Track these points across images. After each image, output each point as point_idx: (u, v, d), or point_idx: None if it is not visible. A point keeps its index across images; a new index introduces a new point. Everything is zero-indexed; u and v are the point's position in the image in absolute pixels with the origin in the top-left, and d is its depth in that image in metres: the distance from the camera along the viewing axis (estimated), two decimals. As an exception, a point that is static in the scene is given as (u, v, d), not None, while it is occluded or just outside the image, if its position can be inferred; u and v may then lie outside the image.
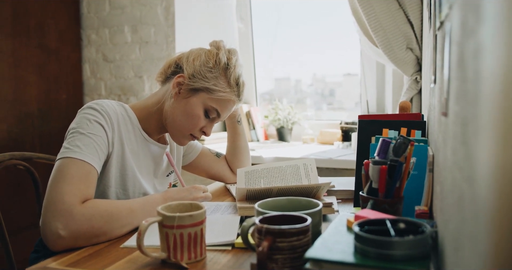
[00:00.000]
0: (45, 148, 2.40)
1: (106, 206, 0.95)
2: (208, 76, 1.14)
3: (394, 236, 0.64)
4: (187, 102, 1.15)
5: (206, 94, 1.14)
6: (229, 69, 1.16)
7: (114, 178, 1.09)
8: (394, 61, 1.84)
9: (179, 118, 1.15)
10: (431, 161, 0.92)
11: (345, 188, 1.28)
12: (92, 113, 1.05)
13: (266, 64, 2.90)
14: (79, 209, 0.90)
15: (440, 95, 0.73)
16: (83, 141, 1.00)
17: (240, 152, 1.45)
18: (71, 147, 0.98)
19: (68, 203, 0.90)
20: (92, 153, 0.99)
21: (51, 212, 0.90)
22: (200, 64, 1.15)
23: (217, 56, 1.16)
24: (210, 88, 1.14)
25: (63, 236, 0.88)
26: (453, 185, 0.53)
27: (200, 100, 1.14)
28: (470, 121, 0.40)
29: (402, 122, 1.14)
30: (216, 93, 1.14)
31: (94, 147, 1.00)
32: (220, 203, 1.21)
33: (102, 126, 1.04)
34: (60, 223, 0.88)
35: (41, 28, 2.39)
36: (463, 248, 0.43)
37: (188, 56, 1.18)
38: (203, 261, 0.81)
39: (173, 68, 1.20)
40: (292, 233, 0.70)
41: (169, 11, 2.44)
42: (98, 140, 1.02)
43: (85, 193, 0.94)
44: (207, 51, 1.19)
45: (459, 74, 0.48)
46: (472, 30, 0.39)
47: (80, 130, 1.01)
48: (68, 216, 0.89)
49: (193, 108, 1.14)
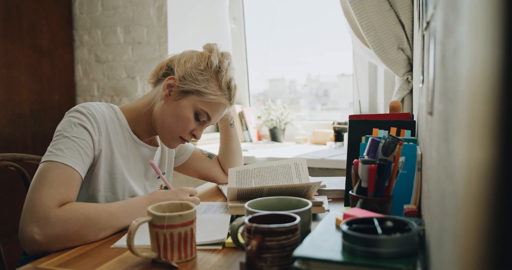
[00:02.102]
0: (37, 149, 2.39)
1: (84, 209, 0.93)
2: (199, 79, 1.13)
3: (381, 234, 0.65)
4: (177, 104, 1.14)
5: (197, 97, 1.13)
6: (220, 72, 1.15)
7: (103, 182, 1.09)
8: (385, 61, 1.85)
9: (168, 121, 1.14)
10: (420, 160, 0.93)
11: (337, 188, 1.29)
12: (78, 116, 1.04)
13: (261, 65, 2.90)
14: (56, 212, 0.89)
15: (426, 95, 0.74)
16: (66, 144, 0.99)
17: (233, 154, 1.45)
18: (54, 150, 0.98)
19: (46, 206, 0.89)
20: (75, 157, 0.99)
21: (29, 215, 0.90)
22: (192, 66, 1.14)
23: (209, 58, 1.15)
24: (200, 91, 1.13)
25: (37, 240, 0.87)
26: (437, 183, 0.54)
27: (190, 102, 1.14)
28: (450, 119, 0.40)
29: (392, 122, 1.15)
30: (207, 96, 1.13)
31: (78, 150, 1.00)
32: (212, 203, 1.21)
33: (87, 130, 1.03)
34: (36, 227, 0.88)
35: (34, 29, 2.39)
36: (445, 244, 0.43)
37: (180, 58, 1.18)
38: (194, 260, 0.82)
39: (165, 70, 1.20)
40: (281, 232, 0.71)
41: (162, 12, 2.44)
42: (82, 143, 1.01)
43: (65, 197, 0.93)
44: (199, 54, 1.18)
45: (442, 72, 0.49)
46: (452, 29, 0.39)
47: (64, 133, 1.01)
48: (44, 219, 0.88)
49: (183, 110, 1.13)
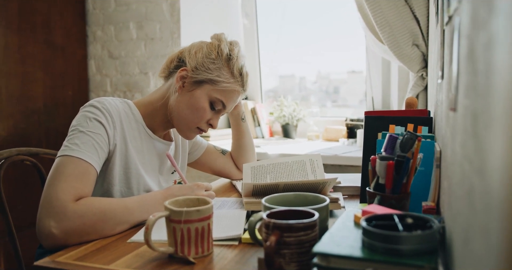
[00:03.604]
0: (51, 144, 2.41)
1: (100, 204, 0.94)
2: (211, 68, 1.14)
3: (402, 231, 0.64)
4: (192, 95, 1.14)
5: (211, 86, 1.14)
6: (231, 59, 1.16)
7: (118, 176, 1.09)
8: (400, 58, 1.83)
9: (184, 112, 1.15)
10: (438, 157, 0.92)
11: (351, 185, 1.28)
12: (93, 111, 1.05)
13: (271, 61, 2.89)
14: (72, 207, 0.90)
15: (448, 90, 0.73)
16: (82, 139, 1.00)
17: (245, 149, 1.45)
18: (69, 145, 0.99)
19: (62, 200, 0.90)
20: (91, 151, 0.99)
21: (45, 209, 0.91)
22: (203, 56, 1.15)
23: (219, 47, 1.16)
24: (213, 80, 1.13)
25: (54, 234, 0.88)
26: (462, 179, 0.53)
27: (204, 92, 1.14)
28: (480, 114, 0.40)
29: (408, 118, 1.14)
30: (220, 84, 1.14)
31: (93, 145, 1.00)
32: (227, 198, 1.21)
33: (102, 124, 1.04)
34: (53, 221, 0.89)
35: (47, 25, 2.40)
36: (473, 241, 0.43)
37: (190, 50, 1.18)
38: (210, 256, 0.82)
39: (176, 62, 1.20)
40: (300, 228, 0.70)
41: (175, 8, 2.44)
42: (98, 138, 1.02)
43: (80, 191, 0.94)
44: (209, 44, 1.19)
45: (469, 67, 0.48)
46: (484, 22, 0.39)
47: (79, 128, 1.01)
48: (61, 213, 0.89)
49: (198, 100, 1.14)
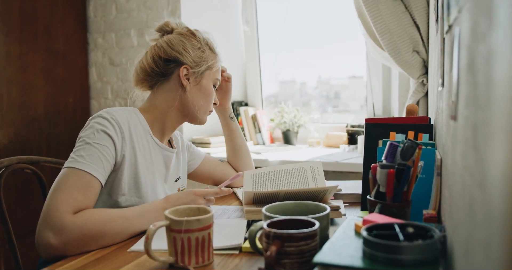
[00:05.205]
0: (52, 151, 2.41)
1: (99, 215, 0.94)
2: (203, 56, 1.20)
3: (403, 240, 0.64)
4: (200, 86, 1.21)
5: (209, 71, 1.22)
6: (208, 40, 1.24)
7: (128, 186, 1.08)
8: (400, 64, 1.83)
9: (201, 103, 1.21)
10: (439, 165, 0.92)
11: (352, 192, 1.28)
12: (101, 122, 1.04)
13: (272, 67, 2.90)
14: (71, 219, 0.90)
15: (448, 99, 0.73)
16: (88, 151, 0.99)
17: (240, 149, 1.46)
18: (75, 157, 0.99)
19: (61, 212, 0.90)
20: (96, 163, 0.99)
21: (44, 220, 0.91)
22: (192, 49, 1.19)
23: (195, 35, 1.22)
24: (210, 65, 1.22)
25: (53, 245, 0.88)
26: (463, 190, 0.53)
27: (208, 79, 1.22)
28: (481, 126, 0.40)
29: (409, 125, 1.14)
30: (214, 66, 1.24)
31: (99, 157, 1.00)
32: (227, 206, 1.21)
33: (109, 136, 1.03)
34: (51, 232, 0.89)
35: (49, 33, 2.41)
36: (474, 253, 0.42)
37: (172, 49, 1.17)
38: (211, 265, 0.81)
39: (157, 69, 1.18)
40: (300, 237, 0.70)
41: (175, 15, 2.45)
42: (104, 150, 1.01)
43: (81, 204, 0.94)
44: (182, 37, 1.19)
45: (469, 78, 0.48)
46: (484, 35, 0.38)
47: (86, 139, 1.01)
48: (59, 225, 0.89)
49: (207, 88, 1.22)
